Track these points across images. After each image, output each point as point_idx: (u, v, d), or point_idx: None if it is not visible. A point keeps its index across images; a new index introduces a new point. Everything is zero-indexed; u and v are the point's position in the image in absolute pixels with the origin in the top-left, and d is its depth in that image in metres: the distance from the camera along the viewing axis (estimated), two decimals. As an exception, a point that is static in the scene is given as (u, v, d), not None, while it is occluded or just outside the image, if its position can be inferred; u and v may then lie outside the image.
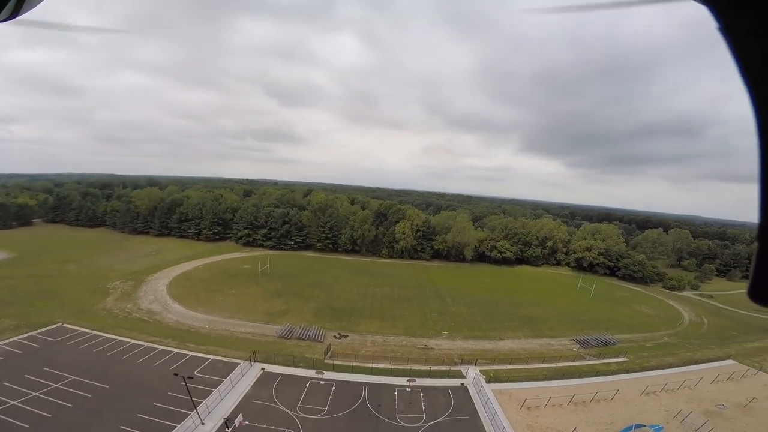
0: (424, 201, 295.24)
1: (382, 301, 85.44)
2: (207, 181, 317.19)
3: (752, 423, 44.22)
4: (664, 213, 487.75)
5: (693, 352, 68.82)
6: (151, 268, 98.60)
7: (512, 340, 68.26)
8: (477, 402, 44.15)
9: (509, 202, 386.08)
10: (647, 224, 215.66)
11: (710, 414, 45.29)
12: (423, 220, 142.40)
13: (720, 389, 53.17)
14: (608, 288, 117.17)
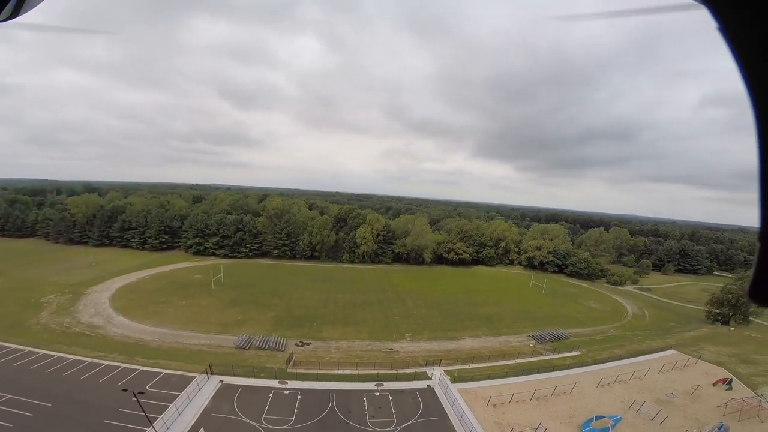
0: (383, 205, 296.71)
1: (344, 306, 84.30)
2: (152, 187, 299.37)
3: (701, 410, 47.29)
4: (605, 213, 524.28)
5: (639, 344, 73.30)
6: (90, 280, 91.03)
7: (473, 339, 69.66)
8: (444, 402, 44.48)
9: (464, 205, 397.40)
10: (590, 224, 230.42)
11: (662, 403, 48.09)
12: (383, 224, 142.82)
13: (667, 378, 56.79)
14: (558, 285, 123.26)
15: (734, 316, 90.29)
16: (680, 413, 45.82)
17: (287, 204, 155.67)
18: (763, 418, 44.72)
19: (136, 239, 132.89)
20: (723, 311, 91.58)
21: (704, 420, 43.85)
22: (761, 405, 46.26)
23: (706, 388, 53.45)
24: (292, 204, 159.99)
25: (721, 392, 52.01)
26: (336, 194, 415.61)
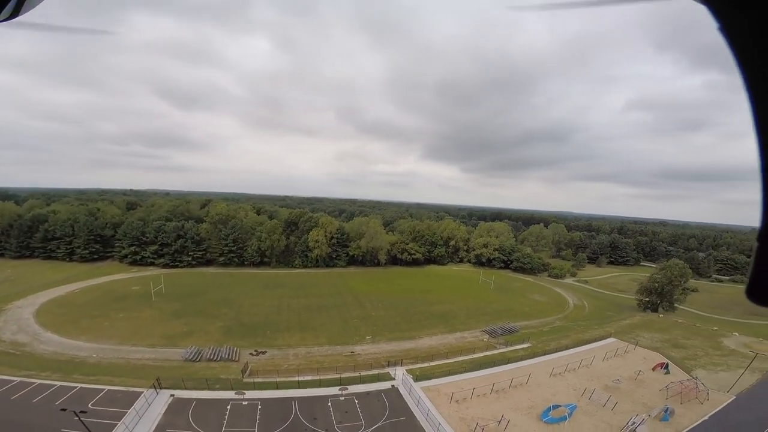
0: (336, 208, 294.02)
1: (299, 312, 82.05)
2: (80, 193, 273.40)
3: (645, 394, 50.71)
4: (544, 210, 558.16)
5: (582, 333, 77.87)
6: (9, 295, 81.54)
7: (430, 338, 70.60)
8: (410, 402, 44.55)
9: (415, 206, 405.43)
10: (531, 221, 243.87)
11: (610, 389, 51.17)
12: (337, 227, 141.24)
13: (611, 365, 60.62)
14: (505, 280, 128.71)
15: (662, 303, 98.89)
16: (628, 398, 48.88)
17: (233, 209, 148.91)
18: (701, 399, 48.61)
19: (62, 250, 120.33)
20: (652, 299, 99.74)
21: (650, 404, 47.06)
22: (697, 387, 50.18)
23: (646, 373, 57.53)
24: (238, 209, 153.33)
25: (660, 376, 56.24)
26: (286, 198, 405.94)
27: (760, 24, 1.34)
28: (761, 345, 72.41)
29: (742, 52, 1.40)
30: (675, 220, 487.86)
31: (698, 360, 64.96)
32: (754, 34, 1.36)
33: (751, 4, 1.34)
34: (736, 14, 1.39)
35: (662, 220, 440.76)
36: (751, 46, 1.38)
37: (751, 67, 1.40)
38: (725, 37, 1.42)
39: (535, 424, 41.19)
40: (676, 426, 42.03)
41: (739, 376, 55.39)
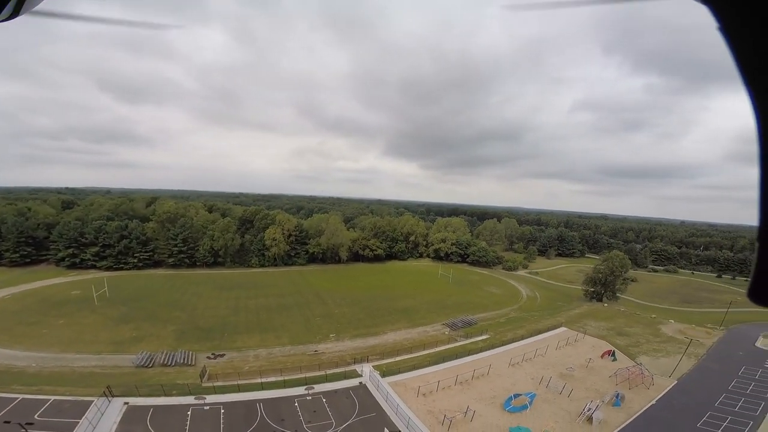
0: (294, 205, 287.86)
1: (258, 313, 79.65)
2: (7, 192, 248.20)
3: (597, 381, 53.52)
4: (497, 206, 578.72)
5: (535, 323, 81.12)
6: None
7: (394, 333, 71.08)
8: (379, 398, 44.54)
9: (376, 203, 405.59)
10: (485, 216, 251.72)
11: (565, 377, 53.66)
12: (295, 224, 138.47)
13: (564, 354, 63.63)
14: (462, 273, 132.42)
15: (605, 293, 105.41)
16: (581, 385, 51.43)
17: (182, 207, 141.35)
18: (647, 384, 52.02)
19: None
20: (596, 289, 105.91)
21: (602, 390, 49.77)
22: (642, 373, 53.62)
23: (596, 360, 60.94)
24: (188, 207, 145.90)
25: (608, 363, 59.72)
26: (240, 195, 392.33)
27: (760, 24, 1.33)
28: (694, 331, 79.14)
29: (742, 52, 1.38)
30: (615, 214, 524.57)
31: (641, 347, 69.46)
32: (754, 34, 1.35)
33: (751, 4, 1.33)
34: (736, 14, 1.38)
35: (603, 215, 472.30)
36: (751, 46, 1.37)
37: (751, 67, 1.39)
38: (725, 37, 1.41)
39: (498, 413, 42.52)
40: (628, 411, 44.78)
41: (678, 362, 59.95)
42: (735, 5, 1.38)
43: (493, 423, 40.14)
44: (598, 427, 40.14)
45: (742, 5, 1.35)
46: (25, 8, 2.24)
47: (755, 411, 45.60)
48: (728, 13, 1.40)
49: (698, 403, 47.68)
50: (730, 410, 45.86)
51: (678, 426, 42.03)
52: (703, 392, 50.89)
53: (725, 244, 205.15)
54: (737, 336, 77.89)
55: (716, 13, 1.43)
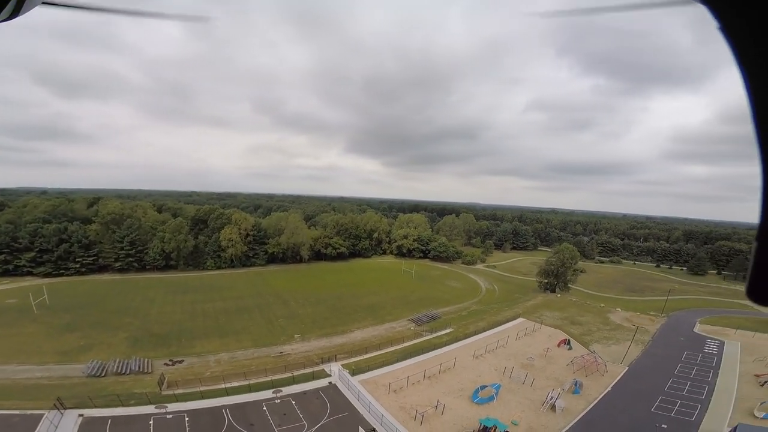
0: (252, 203, 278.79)
1: (216, 316, 76.61)
2: None
3: (556, 369, 56.01)
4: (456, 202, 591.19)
5: (495, 316, 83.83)
6: None
7: (361, 330, 70.89)
8: (350, 396, 44.26)
9: (338, 200, 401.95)
10: (444, 212, 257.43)
11: (526, 367, 55.65)
12: (252, 223, 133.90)
13: (524, 344, 66.12)
14: (425, 269, 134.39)
15: (558, 284, 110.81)
16: (542, 374, 53.60)
17: (128, 207, 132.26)
18: (602, 371, 55.04)
19: None
20: (549, 281, 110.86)
21: (561, 378, 52.18)
22: (596, 361, 56.64)
23: (553, 349, 63.77)
24: (134, 207, 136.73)
25: (564, 352, 62.76)
26: (193, 194, 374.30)
27: (760, 24, 1.33)
28: (639, 319, 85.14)
29: (742, 52, 1.39)
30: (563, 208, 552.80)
31: (593, 335, 73.66)
32: (754, 34, 1.35)
33: (751, 4, 1.33)
34: (736, 14, 1.38)
35: (553, 209, 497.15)
36: (751, 46, 1.37)
37: (751, 67, 1.39)
38: (725, 37, 1.41)
39: (467, 405, 43.55)
40: (587, 397, 47.28)
41: (627, 349, 64.13)
42: (735, 5, 1.38)
43: (464, 415, 41.06)
44: (561, 415, 42.15)
45: (742, 5, 1.35)
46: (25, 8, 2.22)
47: (701, 395, 49.28)
48: (728, 13, 1.40)
49: (649, 388, 50.95)
50: (679, 394, 49.39)
51: (634, 411, 44.61)
52: (653, 378, 54.48)
53: (662, 236, 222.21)
54: (677, 322, 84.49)
55: (716, 13, 1.43)
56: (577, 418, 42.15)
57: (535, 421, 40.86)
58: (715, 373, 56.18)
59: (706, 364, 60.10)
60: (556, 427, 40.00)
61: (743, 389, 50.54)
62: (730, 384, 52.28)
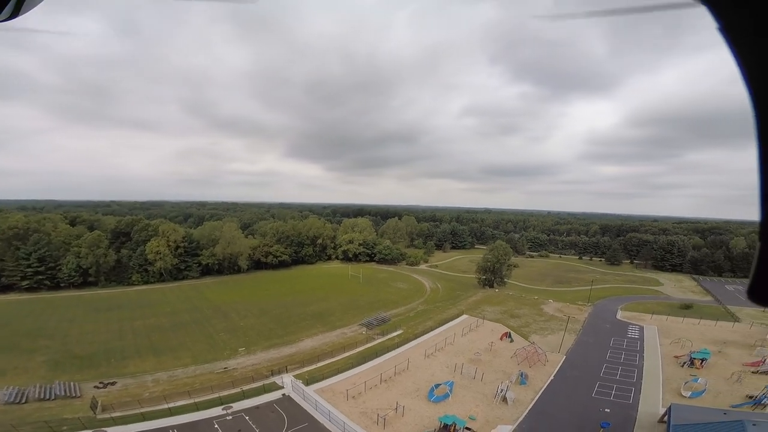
0: (181, 212, 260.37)
1: (148, 334, 71.07)
2: None
3: (501, 362, 58.16)
4: (398, 204, 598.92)
5: (441, 314, 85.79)
6: None
7: (311, 339, 69.09)
8: (307, 407, 42.91)
9: (278, 206, 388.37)
10: (388, 215, 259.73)
11: (474, 362, 57.29)
12: (183, 234, 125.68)
13: (469, 340, 68.27)
14: (371, 272, 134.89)
15: (495, 279, 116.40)
16: (489, 368, 55.52)
17: (35, 220, 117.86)
18: (543, 362, 58.06)
19: None
20: (487, 277, 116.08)
21: (508, 371, 54.33)
22: (537, 351, 59.55)
23: (497, 343, 66.40)
24: (42, 220, 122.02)
25: (507, 345, 65.52)
26: (112, 204, 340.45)
27: (760, 24, 1.33)
28: (569, 309, 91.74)
29: (742, 52, 1.39)
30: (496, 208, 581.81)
31: (530, 327, 77.80)
32: (754, 34, 1.35)
33: (751, 4, 1.33)
34: (736, 14, 1.39)
35: (487, 209, 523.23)
36: (751, 46, 1.38)
37: (751, 67, 1.39)
38: (725, 37, 1.41)
39: (425, 405, 44.06)
40: (533, 387, 49.76)
41: (562, 338, 68.36)
42: (735, 5, 1.38)
43: (423, 415, 41.50)
44: (513, 406, 44.11)
45: (742, 5, 1.35)
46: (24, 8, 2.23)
47: (633, 378, 53.67)
48: (728, 13, 1.40)
49: (587, 374, 54.73)
50: (613, 379, 53.48)
51: (577, 397, 47.64)
52: (588, 364, 58.60)
53: (582, 230, 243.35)
54: (602, 310, 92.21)
55: (716, 14, 1.43)
56: (528, 408, 44.25)
57: (490, 414, 42.36)
58: (640, 357, 61.64)
59: (632, 348, 65.98)
60: (511, 418, 41.78)
61: (667, 371, 55.80)
62: (655, 366, 57.59)
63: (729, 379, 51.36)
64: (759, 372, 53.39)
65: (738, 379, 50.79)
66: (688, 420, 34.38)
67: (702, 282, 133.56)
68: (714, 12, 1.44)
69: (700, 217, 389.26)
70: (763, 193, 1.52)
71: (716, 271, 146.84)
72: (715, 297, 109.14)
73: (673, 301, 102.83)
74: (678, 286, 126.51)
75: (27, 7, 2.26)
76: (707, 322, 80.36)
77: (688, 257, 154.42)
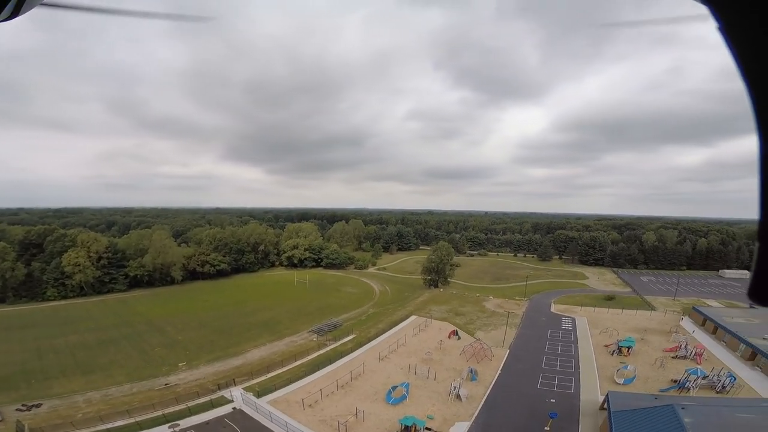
0: (104, 220, 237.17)
1: (72, 352, 65.11)
2: None
3: (451, 360, 59.48)
4: (345, 208, 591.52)
5: (391, 316, 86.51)
6: None
7: (258, 349, 66.49)
8: (261, 419, 41.12)
9: (214, 212, 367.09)
10: (334, 218, 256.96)
11: (426, 361, 58.15)
12: (106, 244, 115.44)
13: (420, 340, 69.32)
14: (319, 277, 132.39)
15: (440, 279, 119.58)
16: (441, 366, 56.62)
17: None
18: (489, 357, 60.14)
19: None
20: (432, 277, 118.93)
21: (458, 368, 55.62)
22: (483, 347, 61.69)
23: (445, 341, 67.95)
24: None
25: (455, 342, 67.30)
26: (20, 211, 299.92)
27: (760, 24, 1.35)
28: (508, 304, 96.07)
29: (742, 52, 1.41)
30: (438, 209, 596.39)
31: (475, 323, 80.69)
32: (754, 34, 1.38)
33: (751, 4, 1.35)
34: (736, 14, 1.41)
35: (430, 210, 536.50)
36: (751, 46, 1.40)
37: (751, 67, 1.42)
38: (725, 37, 1.44)
39: (384, 408, 43.97)
40: (484, 383, 51.46)
41: (504, 333, 71.46)
42: (735, 5, 1.39)
43: (384, 418, 41.39)
44: (467, 403, 45.38)
45: (742, 5, 1.36)
46: (25, 8, 2.22)
47: (571, 368, 57.25)
48: (728, 13, 1.42)
49: (530, 367, 57.57)
50: (554, 369, 56.76)
51: (524, 390, 49.91)
52: (530, 357, 61.75)
53: (516, 229, 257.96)
54: (538, 304, 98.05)
55: (716, 14, 1.44)
56: (481, 403, 45.73)
57: (446, 412, 43.26)
58: (575, 347, 66.25)
59: (567, 339, 70.82)
60: (466, 414, 42.99)
61: (600, 359, 60.30)
62: (589, 356, 62.06)
63: (653, 364, 56.68)
64: (678, 357, 59.48)
65: (661, 365, 56.21)
66: (625, 406, 36.95)
67: (621, 274, 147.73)
68: (714, 12, 1.44)
69: (616, 214, 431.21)
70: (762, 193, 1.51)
71: (632, 264, 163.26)
72: (633, 288, 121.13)
73: (598, 293, 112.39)
74: (601, 279, 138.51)
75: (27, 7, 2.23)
76: (629, 312, 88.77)
77: (608, 251, 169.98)
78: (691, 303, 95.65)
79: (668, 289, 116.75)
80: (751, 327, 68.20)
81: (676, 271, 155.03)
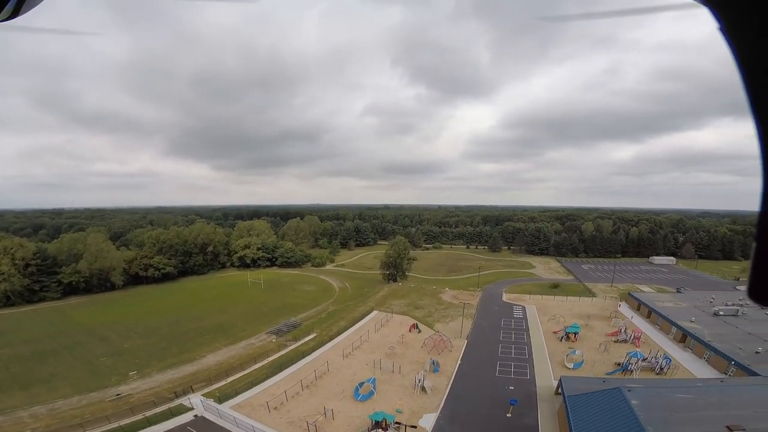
0: (30, 223, 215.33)
1: (6, 366, 60.04)
2: None
3: (414, 353, 60.02)
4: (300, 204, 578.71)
5: (352, 312, 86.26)
6: None
7: (214, 354, 63.82)
8: (226, 425, 39.95)
9: (156, 211, 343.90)
10: (288, 215, 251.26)
11: (391, 356, 58.73)
12: (33, 249, 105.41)
13: (382, 335, 69.85)
14: (274, 277, 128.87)
15: (398, 273, 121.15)
16: (404, 360, 57.49)
17: None
18: (449, 348, 61.78)
19: None
20: (390, 272, 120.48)
21: (421, 360, 56.69)
22: (442, 339, 63.28)
23: (407, 335, 68.90)
24: None
25: (416, 336, 68.47)
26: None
27: (760, 24, 1.35)
28: (463, 295, 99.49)
29: (742, 52, 1.42)
30: (394, 204, 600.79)
31: (433, 316, 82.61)
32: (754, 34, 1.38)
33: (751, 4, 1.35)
34: (736, 14, 1.42)
35: (386, 205, 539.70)
36: (751, 46, 1.40)
37: (751, 67, 1.42)
38: (725, 38, 1.44)
39: (353, 405, 43.96)
40: (446, 374, 52.89)
41: (461, 324, 73.88)
42: (735, 6, 1.41)
43: (353, 415, 41.38)
44: (432, 394, 46.51)
45: (742, 5, 1.38)
46: (24, 8, 2.23)
47: (525, 355, 60.19)
48: (728, 14, 1.43)
49: (488, 356, 59.83)
50: (510, 357, 59.36)
51: (484, 378, 51.86)
52: (487, 346, 64.12)
53: (468, 221, 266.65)
54: (490, 294, 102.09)
55: (716, 14, 1.46)
56: (446, 394, 46.98)
57: (413, 404, 44.09)
58: (527, 335, 69.69)
59: (519, 327, 74.33)
60: (432, 405, 44.07)
61: (550, 345, 63.79)
62: (540, 342, 65.49)
63: (598, 349, 60.86)
64: (618, 341, 64.26)
65: (605, 349, 60.55)
66: (578, 390, 39.35)
67: (564, 263, 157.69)
68: (714, 12, 1.44)
69: (558, 206, 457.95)
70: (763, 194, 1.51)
71: (574, 253, 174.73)
72: (576, 275, 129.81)
73: (544, 281, 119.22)
74: (546, 268, 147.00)
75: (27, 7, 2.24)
76: (573, 299, 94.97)
77: (552, 241, 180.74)
78: (626, 289, 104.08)
79: (606, 276, 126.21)
80: (679, 311, 75.07)
81: (612, 258, 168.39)
